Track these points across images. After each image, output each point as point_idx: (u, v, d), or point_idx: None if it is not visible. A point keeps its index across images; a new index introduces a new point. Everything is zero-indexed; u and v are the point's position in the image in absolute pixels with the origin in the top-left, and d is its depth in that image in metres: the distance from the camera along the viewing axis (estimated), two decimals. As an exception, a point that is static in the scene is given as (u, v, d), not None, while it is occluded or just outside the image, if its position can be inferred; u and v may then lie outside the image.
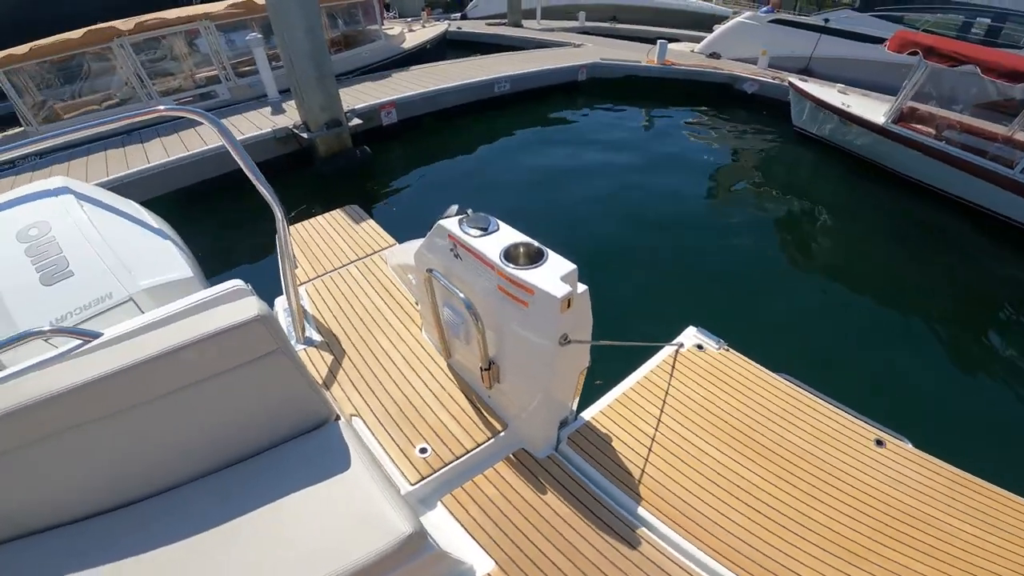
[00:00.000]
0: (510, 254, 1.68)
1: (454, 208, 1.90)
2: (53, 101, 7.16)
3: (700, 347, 2.37)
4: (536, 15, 14.00)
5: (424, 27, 12.54)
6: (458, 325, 1.95)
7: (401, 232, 3.36)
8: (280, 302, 2.60)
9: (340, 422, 1.59)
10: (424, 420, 2.03)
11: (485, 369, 1.87)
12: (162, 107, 2.00)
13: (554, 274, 1.59)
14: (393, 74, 8.53)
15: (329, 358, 2.32)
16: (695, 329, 2.47)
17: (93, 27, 6.70)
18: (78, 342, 1.37)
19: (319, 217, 3.43)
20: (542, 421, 1.91)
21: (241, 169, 1.93)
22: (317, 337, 2.43)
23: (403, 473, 1.85)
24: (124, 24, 6.80)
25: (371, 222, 3.32)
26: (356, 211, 3.44)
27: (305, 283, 2.80)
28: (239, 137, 5.88)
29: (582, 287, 1.62)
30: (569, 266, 1.61)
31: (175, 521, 1.31)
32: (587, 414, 2.10)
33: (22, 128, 6.92)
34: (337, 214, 3.44)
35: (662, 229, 4.95)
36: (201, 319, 1.36)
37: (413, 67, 9.00)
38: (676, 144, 7.15)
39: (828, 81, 7.43)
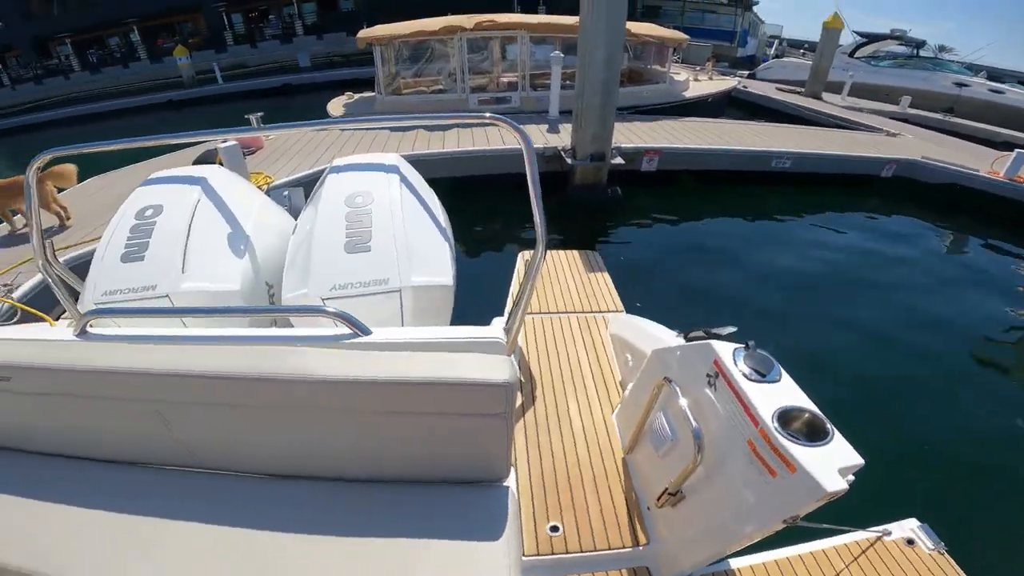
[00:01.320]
0: (787, 417, 1.41)
1: (729, 330, 1.67)
2: (401, 77, 9.02)
3: (911, 542, 1.98)
4: (843, 90, 12.35)
5: (711, 79, 12.21)
6: (664, 440, 1.76)
7: (627, 291, 3.24)
8: (498, 323, 2.64)
9: (510, 486, 1.51)
10: (572, 500, 1.93)
11: (671, 493, 1.68)
12: (487, 114, 2.13)
13: (832, 462, 1.30)
14: (665, 120, 8.46)
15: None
16: (917, 523, 2.07)
17: (447, 19, 8.17)
18: (347, 332, 1.46)
19: (559, 252, 3.49)
20: (691, 557, 1.68)
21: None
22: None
23: (523, 540, 1.75)
24: (467, 21, 8.03)
25: (605, 276, 3.25)
26: (596, 260, 3.41)
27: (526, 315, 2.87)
28: (506, 145, 6.52)
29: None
30: (855, 459, 1.32)
31: (322, 508, 1.36)
32: (736, 561, 1.84)
33: (373, 93, 8.87)
34: (577, 255, 3.46)
35: (930, 392, 3.79)
36: (454, 360, 1.36)
37: (688, 118, 8.79)
38: (1001, 289, 5.43)
39: None
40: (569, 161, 6.05)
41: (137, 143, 2.00)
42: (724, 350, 1.58)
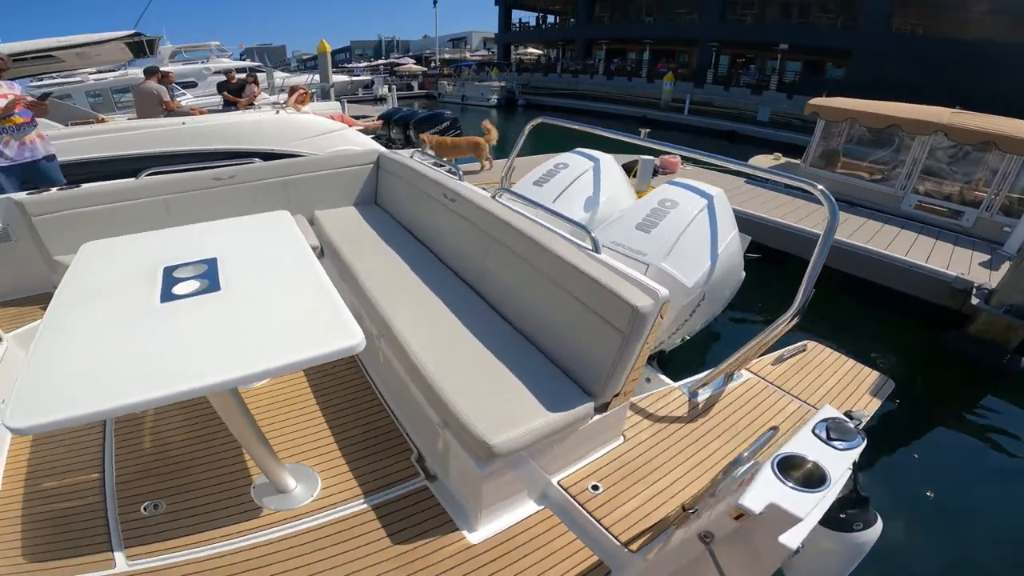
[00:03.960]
0: (789, 463, 1.32)
1: (865, 415, 1.55)
2: (843, 154, 8.58)
3: None
4: None
5: None
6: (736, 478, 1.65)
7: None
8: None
9: (592, 416, 1.95)
10: (634, 484, 2.07)
11: (684, 508, 1.61)
12: (819, 186, 2.27)
13: (780, 496, 1.19)
14: None
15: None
16: None
17: (925, 111, 7.36)
18: (589, 246, 2.16)
19: (859, 365, 3.04)
20: None
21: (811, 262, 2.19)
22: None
23: (565, 473, 2.09)
24: (951, 118, 6.99)
25: (875, 403, 2.78)
26: (884, 387, 2.90)
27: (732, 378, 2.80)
28: (913, 259, 5.73)
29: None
30: (799, 511, 1.17)
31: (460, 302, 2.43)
32: None
33: (799, 162, 8.94)
34: (873, 376, 2.99)
35: None
36: (613, 275, 1.88)
37: None
38: None
39: None
40: (975, 301, 4.94)
41: (593, 130, 3.12)
42: (823, 415, 1.52)
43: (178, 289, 1.69)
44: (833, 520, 1.50)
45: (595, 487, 2.03)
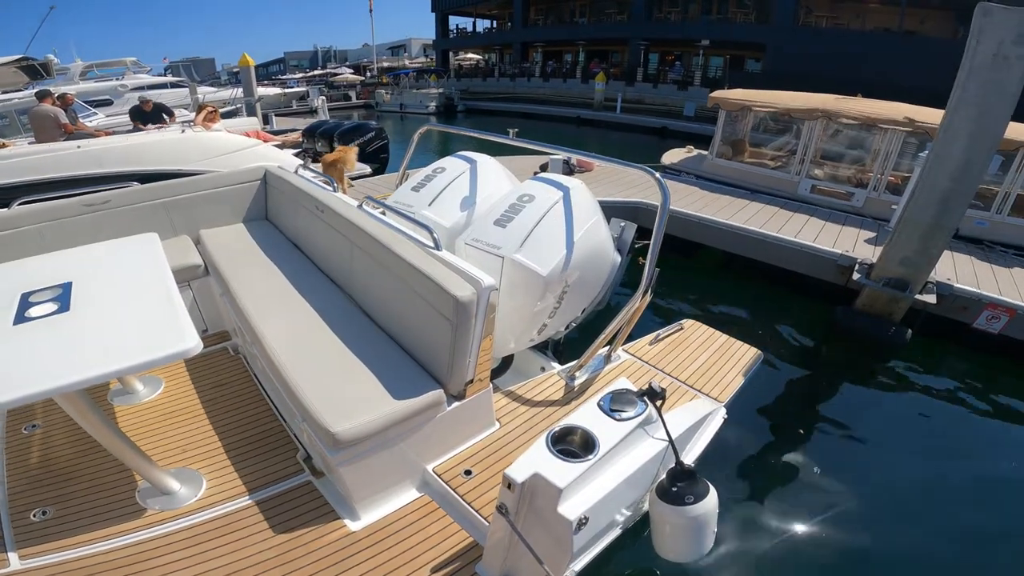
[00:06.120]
0: (564, 432, 1.46)
1: (661, 388, 1.61)
2: (751, 144, 9.12)
3: None
4: None
5: None
6: None
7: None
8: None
9: (444, 403, 2.09)
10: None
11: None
12: (656, 174, 2.63)
13: (543, 465, 1.33)
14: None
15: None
16: None
17: (815, 99, 7.90)
18: (431, 244, 2.28)
19: (733, 340, 3.31)
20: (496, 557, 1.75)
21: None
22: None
23: (440, 460, 2.23)
24: (833, 105, 7.56)
25: (739, 380, 3.00)
26: (752, 360, 3.15)
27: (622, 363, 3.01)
28: (803, 239, 6.18)
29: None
30: (560, 482, 1.30)
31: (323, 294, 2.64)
32: None
33: (704, 154, 9.41)
34: (747, 352, 3.23)
35: None
36: (442, 269, 2.04)
37: None
38: None
39: None
40: (856, 276, 5.39)
41: (467, 132, 3.28)
42: (612, 387, 1.69)
43: (31, 312, 1.79)
44: (668, 494, 1.62)
45: (468, 472, 2.16)
